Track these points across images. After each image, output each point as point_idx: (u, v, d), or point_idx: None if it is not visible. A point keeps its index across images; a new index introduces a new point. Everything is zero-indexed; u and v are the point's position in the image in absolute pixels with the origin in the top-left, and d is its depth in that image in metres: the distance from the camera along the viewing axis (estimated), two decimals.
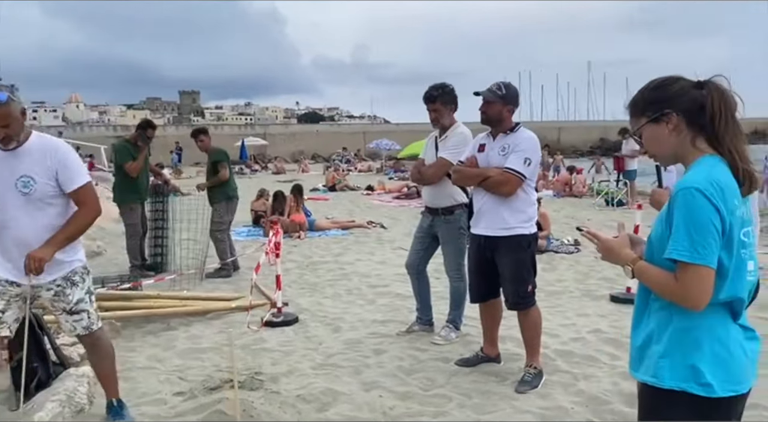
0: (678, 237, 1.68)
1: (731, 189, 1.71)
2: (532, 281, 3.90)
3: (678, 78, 1.87)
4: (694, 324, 1.72)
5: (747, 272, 1.76)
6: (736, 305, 1.75)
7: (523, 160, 3.74)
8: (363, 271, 7.36)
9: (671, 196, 1.74)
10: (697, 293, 1.67)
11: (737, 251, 1.71)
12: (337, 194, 17.94)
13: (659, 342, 1.77)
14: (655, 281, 1.76)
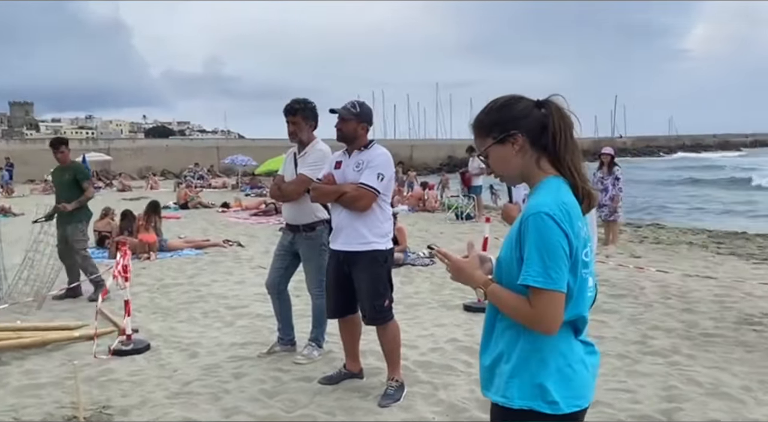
0: (531, 263, 1.68)
1: (576, 211, 1.76)
2: (389, 295, 3.96)
3: (520, 97, 1.89)
4: (540, 343, 1.74)
5: (588, 290, 1.81)
6: (579, 323, 1.80)
7: (377, 175, 3.82)
8: (220, 292, 7.10)
9: (522, 219, 1.75)
10: (551, 318, 1.69)
11: (580, 271, 1.76)
12: (190, 212, 17.21)
13: (508, 361, 1.79)
14: (507, 305, 1.76)
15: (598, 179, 10.21)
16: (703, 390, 4.07)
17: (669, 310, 6.08)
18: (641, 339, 5.16)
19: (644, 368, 4.50)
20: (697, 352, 4.82)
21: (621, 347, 4.97)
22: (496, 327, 1.86)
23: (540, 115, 1.84)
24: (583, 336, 1.84)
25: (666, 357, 4.73)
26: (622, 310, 6.13)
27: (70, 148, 7.18)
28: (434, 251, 2.02)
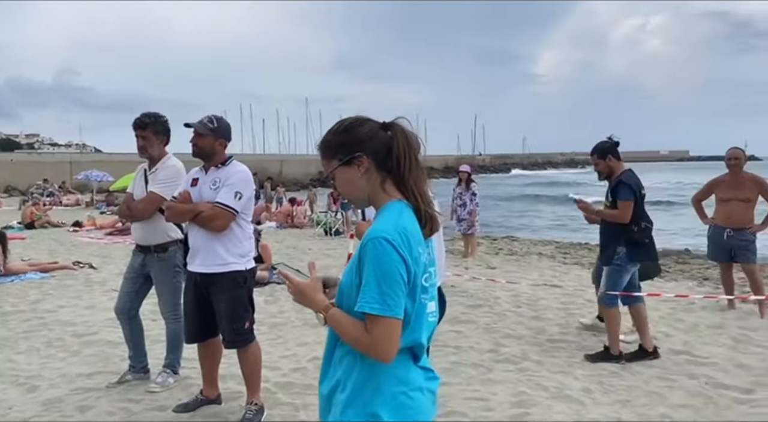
0: (367, 289, 1.66)
1: (416, 237, 1.76)
2: (250, 317, 3.87)
3: (366, 119, 1.89)
4: (376, 370, 1.73)
5: (428, 315, 1.81)
6: (417, 350, 1.80)
7: (234, 194, 3.72)
8: (66, 319, 6.58)
9: (361, 244, 1.74)
10: (387, 346, 1.68)
11: (419, 297, 1.75)
12: (38, 232, 15.86)
13: (344, 390, 1.77)
14: (346, 331, 1.73)
15: (457, 194, 10.68)
16: (548, 394, 4.34)
17: (520, 318, 6.44)
18: (495, 348, 5.42)
19: (497, 375, 4.73)
20: (544, 358, 5.14)
21: (476, 356, 5.19)
22: (334, 355, 1.85)
23: (385, 137, 1.85)
24: (422, 362, 1.84)
25: (516, 363, 5.01)
26: (479, 320, 6.41)
27: None
28: (276, 272, 1.99)
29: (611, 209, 5.00)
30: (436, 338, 5.56)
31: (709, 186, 6.94)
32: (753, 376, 4.67)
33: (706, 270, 9.78)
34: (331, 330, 1.84)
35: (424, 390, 1.81)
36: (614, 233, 4.94)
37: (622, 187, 4.91)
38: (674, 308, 6.87)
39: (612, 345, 5.07)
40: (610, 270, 5.00)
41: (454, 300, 7.33)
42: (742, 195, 6.54)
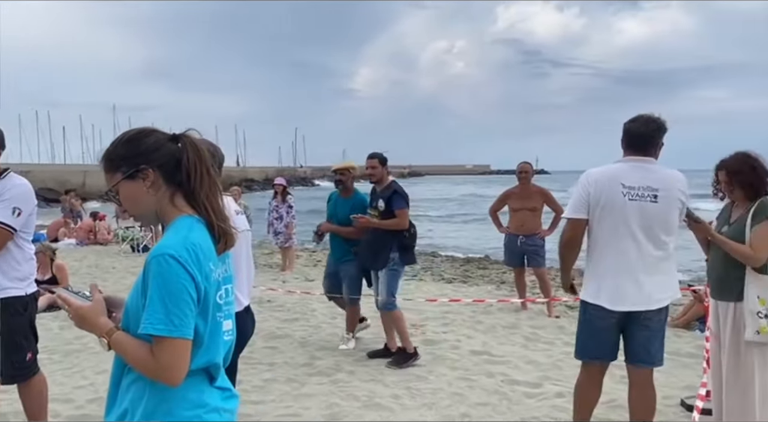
0: (152, 309, 1.57)
1: (207, 253, 1.67)
2: (33, 347, 3.48)
3: (153, 130, 1.78)
4: (168, 395, 1.65)
5: (223, 334, 1.75)
6: (213, 370, 1.74)
7: (12, 210, 3.32)
8: None
9: (146, 262, 1.63)
10: (175, 369, 1.60)
11: (213, 315, 1.69)
12: None
13: (133, 418, 1.67)
14: (131, 355, 1.63)
15: (273, 207, 10.60)
16: (360, 403, 4.43)
17: (335, 330, 6.52)
18: (309, 361, 5.43)
19: (310, 389, 4.73)
20: (356, 368, 5.24)
21: (290, 371, 5.15)
22: (122, 382, 1.71)
23: (174, 149, 1.74)
24: (219, 382, 1.78)
25: (330, 375, 5.05)
26: (294, 334, 6.38)
27: None
28: (55, 294, 1.80)
29: (383, 218, 5.28)
30: (250, 356, 5.46)
31: (502, 197, 7.65)
32: (540, 371, 5.16)
33: (503, 275, 10.64)
34: (117, 358, 1.72)
35: (221, 410, 1.75)
36: (386, 239, 5.24)
37: (398, 197, 5.29)
38: (475, 311, 7.40)
39: (406, 344, 5.35)
40: (388, 275, 5.28)
41: (270, 315, 7.24)
42: (530, 205, 7.32)
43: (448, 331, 6.50)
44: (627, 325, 3.39)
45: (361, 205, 5.61)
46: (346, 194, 5.73)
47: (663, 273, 3.35)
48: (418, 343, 5.97)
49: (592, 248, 3.44)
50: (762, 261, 3.42)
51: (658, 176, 3.33)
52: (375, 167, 5.40)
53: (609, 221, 3.33)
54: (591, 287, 3.43)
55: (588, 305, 3.42)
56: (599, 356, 3.47)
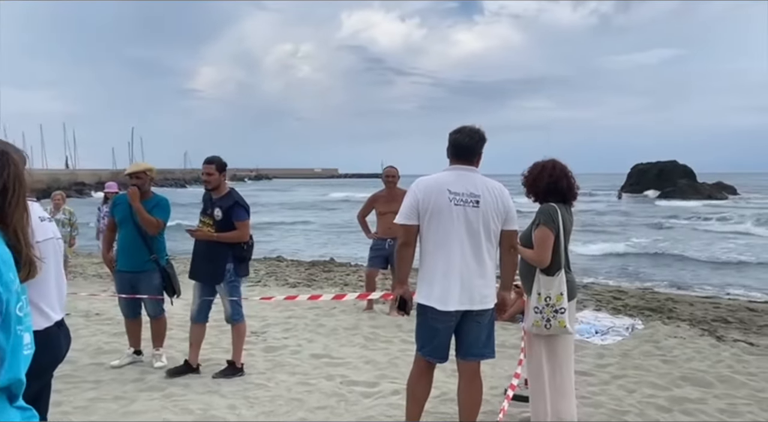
0: None
1: (6, 261, 1.60)
2: None
3: None
4: None
5: (24, 348, 1.66)
6: (15, 388, 1.63)
7: None
8: None
9: None
10: None
11: (14, 328, 1.60)
12: None
13: None
14: None
15: (104, 213, 9.91)
16: (194, 416, 4.25)
17: (169, 341, 6.22)
18: (140, 376, 5.13)
19: (140, 406, 4.46)
20: (191, 380, 5.02)
21: (119, 387, 4.83)
22: None
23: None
24: (20, 402, 1.66)
25: (163, 389, 4.80)
26: (124, 348, 5.99)
27: None
28: None
29: (219, 228, 5.09)
30: (72, 374, 5.05)
31: (370, 201, 7.72)
32: (378, 370, 5.29)
33: (347, 277, 10.78)
34: None
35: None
36: (222, 251, 5.09)
37: (238, 208, 5.12)
38: (318, 314, 7.43)
39: (237, 358, 5.22)
40: (228, 288, 5.12)
41: (98, 329, 6.75)
42: (396, 208, 7.40)
43: (290, 336, 6.46)
44: (460, 324, 3.58)
45: (162, 211, 5.31)
46: (144, 197, 5.33)
47: (487, 274, 3.57)
48: (259, 351, 5.89)
49: (424, 252, 3.59)
50: (543, 263, 3.79)
51: (479, 183, 3.56)
52: (211, 173, 5.15)
53: (437, 226, 3.49)
54: (423, 290, 3.57)
55: (425, 308, 3.57)
56: (438, 356, 3.62)
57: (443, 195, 3.49)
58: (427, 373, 3.68)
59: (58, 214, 9.72)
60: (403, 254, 3.61)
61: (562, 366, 3.91)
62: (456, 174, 3.57)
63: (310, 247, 18.74)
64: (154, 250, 5.29)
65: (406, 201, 3.58)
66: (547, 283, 3.80)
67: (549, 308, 3.78)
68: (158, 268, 5.31)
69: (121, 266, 5.39)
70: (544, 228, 3.78)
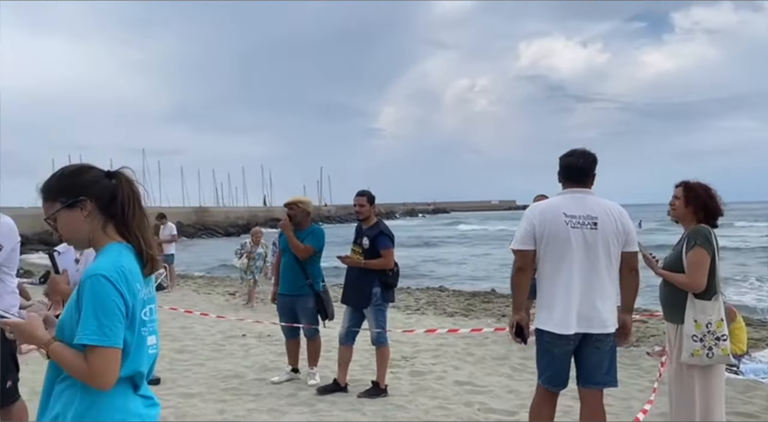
0: (86, 322, 1.78)
1: (135, 274, 1.90)
2: (13, 375, 3.70)
3: (90, 167, 2.03)
4: (96, 400, 1.84)
5: (148, 347, 1.95)
6: (137, 379, 1.93)
7: None
8: None
9: (80, 282, 1.86)
10: (105, 374, 1.80)
11: (138, 329, 1.89)
12: None
13: (65, 419, 1.84)
14: (68, 362, 1.83)
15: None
16: None
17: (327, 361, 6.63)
18: (293, 392, 5.54)
19: (290, 418, 4.84)
20: (338, 398, 5.34)
21: (274, 401, 5.27)
22: (54, 390, 1.91)
23: (110, 184, 1.99)
24: (142, 391, 1.98)
25: (312, 405, 5.15)
26: (283, 367, 6.50)
27: None
28: (1, 320, 2.00)
29: (366, 256, 5.40)
30: (238, 387, 5.61)
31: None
32: (519, 399, 5.22)
33: (505, 308, 10.65)
34: (50, 366, 1.92)
35: (144, 416, 1.94)
36: (370, 277, 5.38)
37: (383, 238, 5.44)
38: (469, 343, 7.47)
39: (381, 380, 5.43)
40: (374, 312, 5.40)
41: (267, 349, 7.39)
42: None
43: (438, 363, 6.59)
44: (579, 348, 3.50)
45: (314, 239, 5.75)
46: (299, 227, 5.83)
47: (607, 297, 3.46)
48: (405, 375, 6.09)
49: (541, 277, 3.58)
50: (699, 287, 3.54)
51: (595, 205, 3.50)
52: (363, 205, 5.56)
53: (555, 250, 3.47)
54: (543, 315, 3.55)
55: (543, 333, 3.54)
56: (556, 383, 3.56)
57: (559, 219, 3.46)
58: (549, 401, 3.62)
59: (257, 248, 10.81)
60: (518, 280, 3.62)
61: (715, 400, 3.63)
62: (570, 197, 3.54)
63: (474, 278, 18.72)
64: (309, 275, 5.75)
65: (521, 227, 3.60)
66: (705, 308, 3.58)
67: (710, 335, 3.56)
68: (313, 292, 5.76)
69: (281, 290, 5.94)
70: (701, 250, 3.59)
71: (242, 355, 7.11)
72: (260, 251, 10.67)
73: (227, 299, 12.60)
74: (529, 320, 3.76)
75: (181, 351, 7.35)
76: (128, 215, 1.99)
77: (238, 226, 61.36)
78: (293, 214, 5.85)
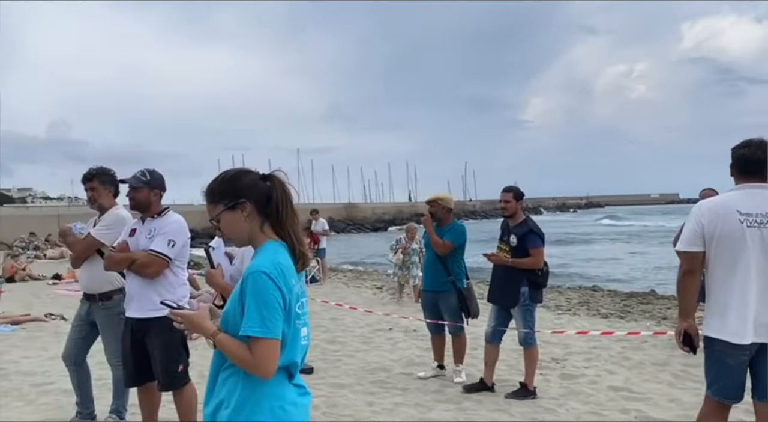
0: (250, 315, 1.92)
1: (290, 271, 2.03)
2: (184, 360, 4.03)
3: (248, 171, 2.18)
4: (256, 388, 1.98)
5: (301, 339, 2.08)
6: (292, 368, 2.06)
7: (167, 242, 3.94)
8: (28, 369, 6.68)
9: (243, 277, 2.00)
10: (268, 364, 1.94)
11: (294, 322, 2.02)
12: (18, 286, 15.90)
13: (228, 406, 2.00)
14: (232, 352, 1.97)
15: None
16: None
17: (472, 360, 6.57)
18: (440, 389, 5.54)
19: (436, 415, 4.85)
20: (485, 397, 5.26)
21: (421, 396, 5.31)
22: (218, 377, 2.07)
23: (265, 187, 2.13)
24: (296, 380, 2.10)
25: (458, 403, 5.13)
26: (429, 362, 6.53)
27: None
28: (173, 311, 2.18)
29: (514, 254, 5.25)
30: (386, 380, 5.72)
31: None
32: (682, 410, 4.84)
33: (666, 310, 9.94)
34: (216, 355, 2.08)
35: (298, 404, 2.07)
36: (517, 276, 5.21)
37: (532, 236, 5.26)
38: (625, 347, 7.04)
39: (529, 381, 5.26)
40: (522, 312, 5.23)
41: (413, 343, 7.48)
42: None
43: (591, 366, 6.28)
44: (756, 359, 3.16)
45: (453, 235, 5.70)
46: (441, 223, 5.84)
47: None
48: (555, 377, 5.87)
49: (712, 281, 3.26)
50: None
51: None
52: (509, 201, 5.42)
53: (728, 251, 3.15)
54: (714, 322, 3.24)
55: (714, 341, 3.24)
56: (730, 396, 3.25)
57: (732, 217, 3.14)
58: (719, 414, 3.29)
59: (412, 244, 11.03)
60: (686, 283, 3.31)
61: None
62: (745, 193, 3.19)
63: (630, 278, 17.64)
64: (451, 272, 5.72)
65: (689, 226, 3.29)
66: None
67: None
68: (455, 289, 5.72)
69: (425, 286, 5.98)
70: None
71: (389, 349, 7.25)
72: (415, 246, 10.85)
73: (374, 293, 12.93)
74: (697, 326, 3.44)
75: (332, 341, 7.64)
76: (282, 215, 2.12)
77: (385, 221, 62.83)
78: (434, 211, 5.86)
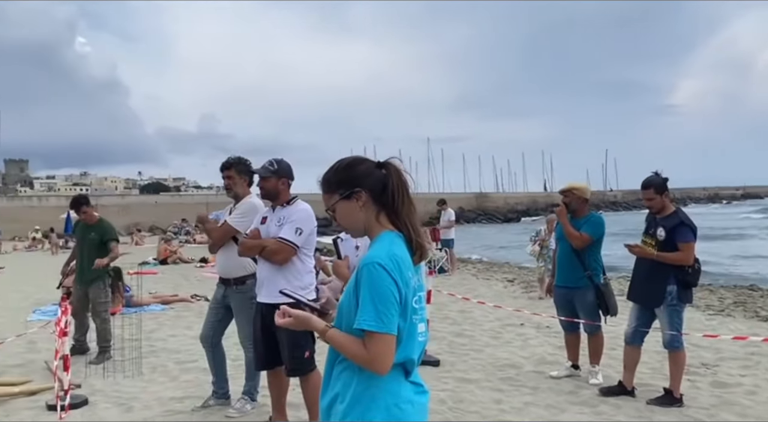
0: (364, 309, 1.84)
1: (407, 263, 1.93)
2: (311, 346, 4.06)
3: (363, 159, 2.09)
4: (372, 383, 1.89)
5: (418, 335, 1.97)
6: (409, 365, 1.96)
7: (295, 230, 3.99)
8: (174, 347, 7.16)
9: (357, 269, 1.91)
10: (384, 359, 1.85)
11: (410, 317, 1.92)
12: (169, 268, 17.27)
13: (343, 401, 1.93)
14: (345, 348, 1.89)
15: None
16: None
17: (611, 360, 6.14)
18: (574, 390, 5.22)
19: (569, 417, 4.56)
20: (623, 401, 4.87)
21: (553, 397, 5.03)
22: (333, 371, 2.00)
23: (381, 175, 2.03)
24: (413, 377, 1.99)
25: (594, 406, 4.79)
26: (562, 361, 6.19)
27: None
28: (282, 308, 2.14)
29: (662, 249, 4.78)
30: (515, 378, 5.48)
31: None
32: None
33: None
34: (330, 349, 2.01)
35: (414, 403, 1.96)
36: (665, 272, 4.74)
37: (683, 229, 4.76)
38: None
39: (675, 387, 4.79)
40: (668, 312, 4.75)
41: (545, 340, 7.14)
42: None
43: (748, 374, 5.64)
44: None
45: (590, 227, 5.35)
46: (576, 215, 5.47)
47: None
48: (705, 385, 5.33)
49: None
50: None
51: None
52: (652, 198, 4.91)
53: None
54: None
55: None
56: None
57: None
58: None
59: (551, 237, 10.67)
60: None
61: None
62: None
63: None
64: (588, 267, 5.34)
65: None
66: None
67: None
68: (592, 285, 5.34)
69: (557, 281, 5.63)
70: None
71: (520, 345, 6.98)
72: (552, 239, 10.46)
73: (505, 286, 12.59)
74: None
75: (460, 334, 7.49)
76: (398, 204, 2.01)
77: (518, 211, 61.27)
78: (568, 201, 5.50)
